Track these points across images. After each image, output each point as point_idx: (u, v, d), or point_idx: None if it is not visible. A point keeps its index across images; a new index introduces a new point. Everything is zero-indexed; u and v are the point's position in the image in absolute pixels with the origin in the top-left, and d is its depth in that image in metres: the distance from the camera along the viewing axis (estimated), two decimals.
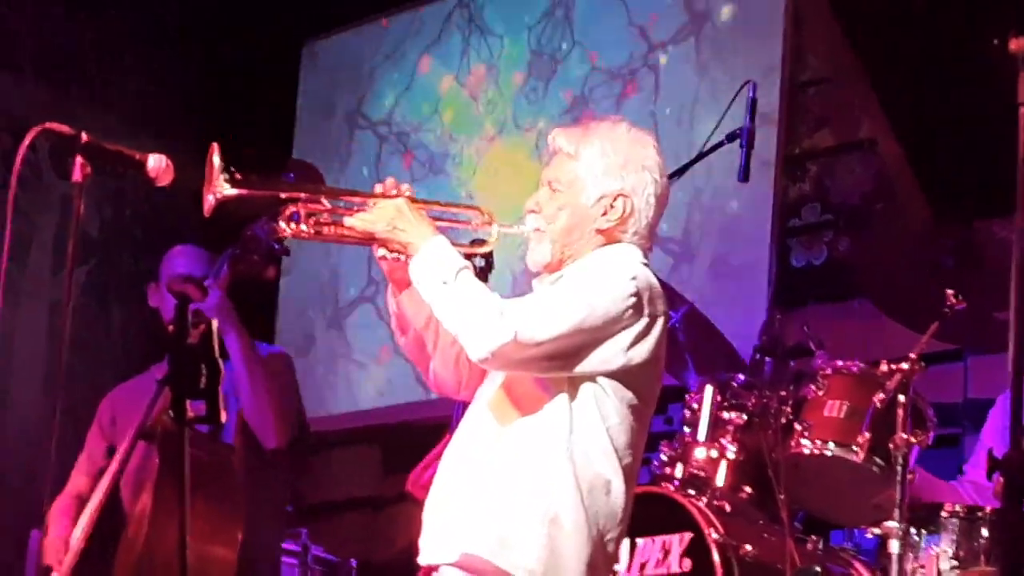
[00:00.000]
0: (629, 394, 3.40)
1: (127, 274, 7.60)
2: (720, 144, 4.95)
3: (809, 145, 6.47)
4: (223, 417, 3.10)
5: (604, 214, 3.49)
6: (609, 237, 3.51)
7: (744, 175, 4.86)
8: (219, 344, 3.09)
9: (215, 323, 3.09)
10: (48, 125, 3.31)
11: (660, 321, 3.43)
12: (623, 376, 3.38)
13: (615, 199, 3.49)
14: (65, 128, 3.32)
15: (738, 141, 4.88)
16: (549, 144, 3.60)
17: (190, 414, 3.06)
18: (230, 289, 4.83)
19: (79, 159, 3.28)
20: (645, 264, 3.49)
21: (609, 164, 3.50)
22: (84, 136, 3.30)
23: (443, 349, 3.58)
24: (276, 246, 4.42)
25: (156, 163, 3.38)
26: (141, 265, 7.45)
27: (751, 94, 4.92)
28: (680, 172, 4.84)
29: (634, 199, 3.50)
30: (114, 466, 4.48)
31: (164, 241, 5.40)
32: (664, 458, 4.76)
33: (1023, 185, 2.92)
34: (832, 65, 6.37)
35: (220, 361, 3.08)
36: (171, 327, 3.09)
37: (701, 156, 5.00)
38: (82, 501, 4.78)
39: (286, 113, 8.18)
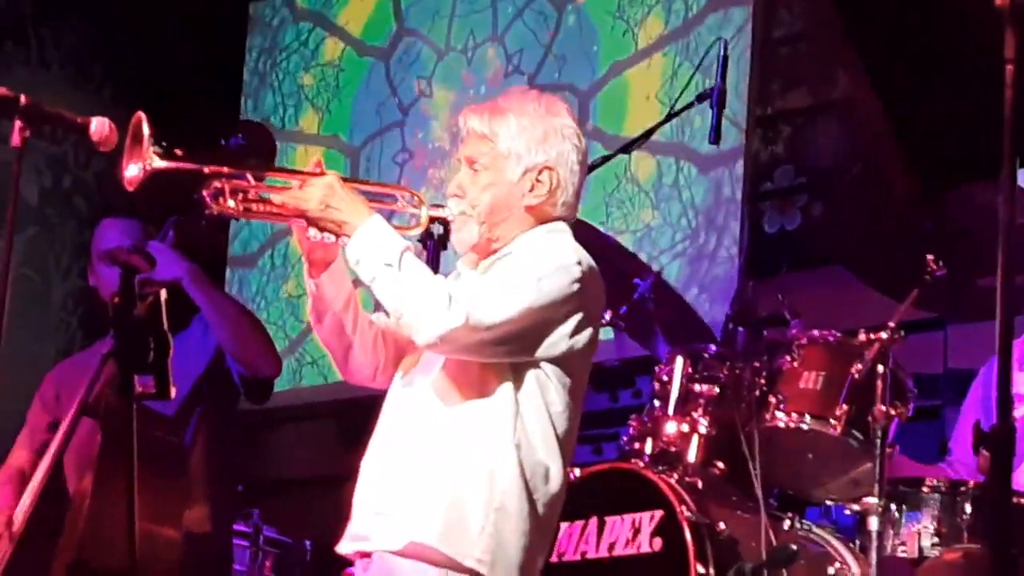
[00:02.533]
0: (568, 380, 3.38)
1: (69, 245, 7.50)
2: (690, 105, 4.89)
3: (782, 105, 6.43)
4: (172, 392, 3.02)
5: (532, 189, 3.45)
6: (539, 213, 3.47)
7: (715, 136, 4.80)
8: (167, 316, 2.99)
9: (163, 295, 3.01)
10: None
11: (599, 306, 3.45)
12: (565, 361, 3.36)
13: (540, 173, 3.45)
14: (3, 90, 3.23)
15: (708, 101, 4.80)
16: (461, 126, 3.54)
17: (138, 389, 2.98)
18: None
19: (18, 123, 3.20)
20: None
21: (529, 138, 3.45)
22: (24, 99, 3.21)
23: (362, 331, 3.52)
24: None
25: (99, 127, 3.30)
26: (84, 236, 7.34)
27: (722, 52, 4.83)
28: (649, 133, 4.83)
29: (559, 170, 3.47)
30: (56, 442, 4.44)
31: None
32: (633, 433, 4.68)
33: (1009, 146, 2.82)
34: (807, 20, 6.28)
35: (168, 334, 2.98)
36: (116, 299, 3.01)
37: (671, 117, 4.94)
38: (23, 475, 4.78)
39: (233, 73, 8.05)
